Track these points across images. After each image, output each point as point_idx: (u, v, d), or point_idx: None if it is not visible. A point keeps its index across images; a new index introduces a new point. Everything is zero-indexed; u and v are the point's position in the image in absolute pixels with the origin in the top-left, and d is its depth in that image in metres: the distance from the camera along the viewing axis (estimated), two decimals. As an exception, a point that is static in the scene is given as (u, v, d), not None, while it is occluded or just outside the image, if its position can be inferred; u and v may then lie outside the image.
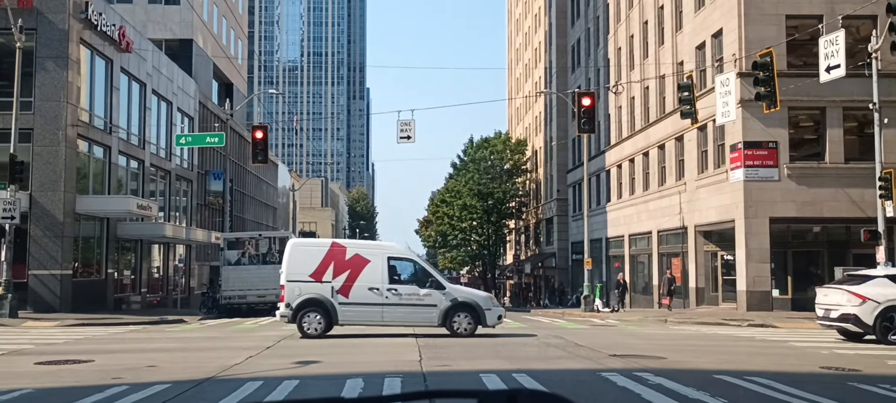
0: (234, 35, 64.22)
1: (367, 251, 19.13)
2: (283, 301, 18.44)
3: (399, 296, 18.38)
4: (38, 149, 29.52)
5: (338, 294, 18.29)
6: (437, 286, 18.75)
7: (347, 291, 18.30)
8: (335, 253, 18.59)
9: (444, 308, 18.40)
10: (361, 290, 18.29)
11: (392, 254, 19.13)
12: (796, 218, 30.38)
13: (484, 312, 18.51)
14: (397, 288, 18.45)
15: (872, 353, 15.52)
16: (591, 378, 11.06)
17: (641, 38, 42.80)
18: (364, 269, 18.39)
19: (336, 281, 18.31)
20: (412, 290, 18.54)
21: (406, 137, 31.10)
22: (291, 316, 18.31)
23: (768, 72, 20.46)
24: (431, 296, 18.47)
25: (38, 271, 29.26)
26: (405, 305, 18.39)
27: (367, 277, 18.35)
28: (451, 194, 70.45)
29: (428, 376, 11.37)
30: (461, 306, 18.51)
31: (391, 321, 18.63)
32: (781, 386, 10.08)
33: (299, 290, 18.31)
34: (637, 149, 42.77)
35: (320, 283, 18.32)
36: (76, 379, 11.02)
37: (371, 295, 18.29)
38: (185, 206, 46.04)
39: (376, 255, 18.75)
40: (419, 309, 18.46)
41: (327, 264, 18.42)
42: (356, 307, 18.33)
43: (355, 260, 18.51)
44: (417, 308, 18.44)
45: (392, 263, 18.78)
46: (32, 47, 29.06)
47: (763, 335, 20.69)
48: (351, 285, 18.30)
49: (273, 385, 10.32)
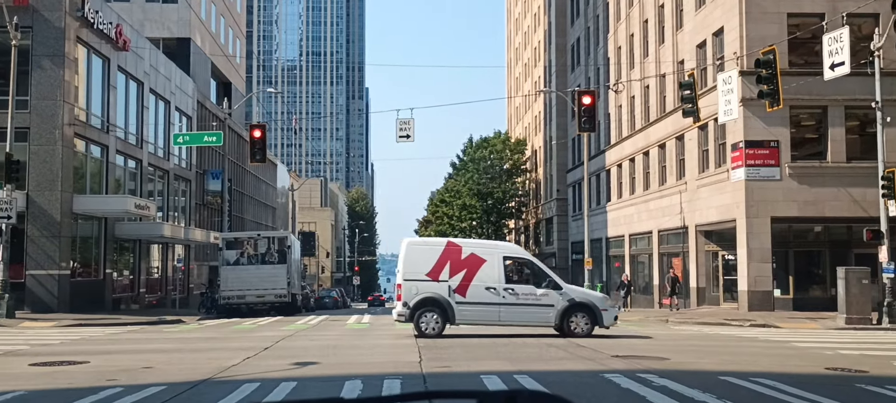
0: (233, 34, 64.03)
1: (483, 250, 18.97)
2: (399, 299, 18.30)
3: (516, 296, 18.23)
4: (34, 148, 29.32)
5: (455, 293, 18.17)
6: (554, 286, 18.61)
7: (464, 290, 18.18)
8: (451, 252, 18.46)
9: (562, 308, 18.25)
10: (478, 290, 18.18)
11: (508, 253, 19.11)
12: (798, 218, 30.22)
13: (601, 313, 18.40)
14: (514, 288, 18.30)
15: (877, 354, 15.35)
16: (594, 380, 10.88)
17: (642, 37, 42.63)
18: (480, 268, 18.28)
19: (453, 280, 18.19)
20: (529, 290, 18.37)
21: (405, 136, 30.91)
22: (409, 315, 18.17)
23: (771, 70, 20.29)
24: (548, 296, 18.34)
25: (36, 271, 29.08)
26: (522, 305, 18.25)
27: (484, 276, 18.24)
28: (450, 194, 70.33)
29: (428, 377, 11.19)
30: (579, 306, 18.38)
31: (508, 321, 18.51)
32: (788, 388, 9.90)
33: (416, 289, 18.19)
34: (637, 149, 42.61)
35: (437, 282, 18.20)
36: (70, 381, 10.84)
37: (488, 294, 18.18)
38: (184, 206, 45.85)
39: (492, 254, 18.63)
40: (536, 310, 18.32)
41: (443, 263, 18.30)
42: (473, 306, 18.23)
43: (471, 259, 18.39)
44: (534, 308, 18.29)
45: (508, 262, 18.67)
46: (28, 45, 28.84)
47: (765, 335, 20.51)
48: (468, 284, 18.19)
49: (270, 387, 10.13)
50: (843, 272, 24.30)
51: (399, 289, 18.35)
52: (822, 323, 24.54)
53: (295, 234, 61.80)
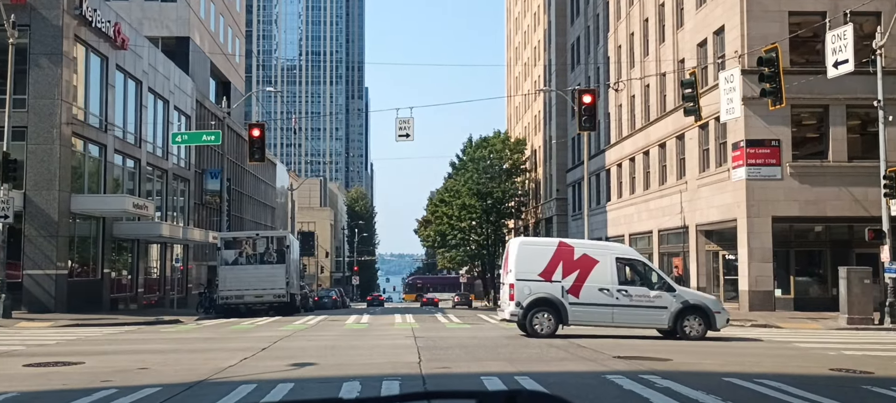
0: (232, 33, 63.86)
1: (595, 251, 18.87)
2: (512, 299, 18.18)
3: (629, 297, 18.15)
4: (32, 147, 29.17)
5: (568, 293, 18.09)
6: (667, 287, 18.50)
7: (577, 291, 18.11)
8: (563, 253, 18.38)
9: (675, 310, 18.12)
10: (591, 290, 18.10)
11: (620, 255, 19.03)
12: (799, 218, 30.07)
13: (714, 315, 18.26)
14: (627, 289, 18.22)
15: (881, 354, 15.21)
16: (595, 381, 10.72)
17: (642, 36, 42.49)
18: (593, 269, 18.21)
19: (566, 280, 18.12)
20: (642, 292, 18.27)
21: (405, 135, 30.75)
22: (522, 315, 18.09)
23: (774, 68, 20.13)
24: (661, 298, 18.22)
25: (33, 271, 28.92)
26: (635, 306, 18.16)
27: (597, 277, 18.16)
28: (450, 194, 70.14)
29: (427, 378, 11.04)
30: (692, 309, 18.24)
31: (621, 322, 18.42)
32: (794, 390, 9.74)
33: (529, 289, 18.12)
34: (637, 148, 42.47)
35: (550, 283, 18.14)
36: (64, 382, 10.68)
37: (601, 295, 18.10)
38: (183, 206, 45.68)
39: (605, 255, 18.56)
40: (649, 311, 18.20)
41: (556, 263, 18.22)
42: (586, 307, 18.15)
43: (584, 260, 18.31)
44: (647, 309, 18.19)
45: (620, 264, 18.57)
46: (26, 44, 28.68)
47: (768, 335, 20.37)
48: (581, 285, 18.12)
49: (267, 388, 9.98)
50: (845, 272, 24.17)
51: (511, 289, 18.22)
52: (824, 323, 24.40)
53: (294, 234, 61.64)
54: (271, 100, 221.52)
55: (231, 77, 61.86)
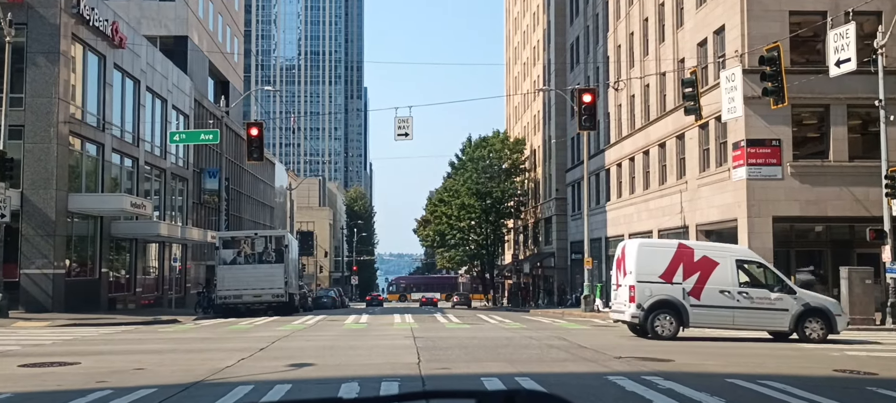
0: (231, 33, 63.70)
1: (715, 253, 18.73)
2: (632, 301, 18.11)
3: (750, 300, 18.02)
4: (29, 146, 29.03)
5: (689, 296, 18.00)
6: (788, 290, 18.37)
7: (698, 293, 18.02)
8: (683, 255, 18.32)
9: (796, 312, 18.01)
10: (712, 293, 18.00)
11: (740, 256, 18.89)
12: (800, 218, 29.94)
13: (835, 318, 18.14)
14: (748, 291, 18.09)
15: (885, 356, 15.10)
16: (597, 383, 10.60)
17: (642, 35, 42.36)
18: (714, 271, 18.11)
19: (687, 282, 18.05)
20: (763, 294, 18.15)
21: (404, 135, 30.62)
22: (643, 317, 18.02)
23: (775, 67, 20.00)
24: (782, 301, 18.10)
25: (30, 270, 28.79)
26: (756, 309, 18.02)
27: (718, 279, 18.06)
28: (449, 193, 70.01)
29: (427, 379, 10.92)
30: (813, 311, 18.11)
31: (742, 325, 18.30)
32: (798, 392, 9.62)
33: (650, 291, 18.06)
34: (637, 148, 42.34)
35: (671, 285, 18.08)
36: (59, 383, 10.54)
37: (722, 297, 17.99)
38: (181, 205, 45.54)
39: (725, 257, 18.44)
40: (770, 314, 18.09)
41: (676, 265, 18.16)
42: (707, 309, 18.04)
43: (704, 261, 18.21)
44: (768, 312, 18.07)
45: (740, 265, 18.46)
46: (23, 43, 28.57)
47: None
48: (701, 287, 18.03)
49: (265, 390, 9.85)
50: (846, 272, 24.07)
51: (631, 291, 18.14)
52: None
53: (293, 234, 61.51)
54: (270, 100, 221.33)
55: (229, 76, 61.70)
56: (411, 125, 31.05)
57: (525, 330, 22.17)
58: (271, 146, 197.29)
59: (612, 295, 20.00)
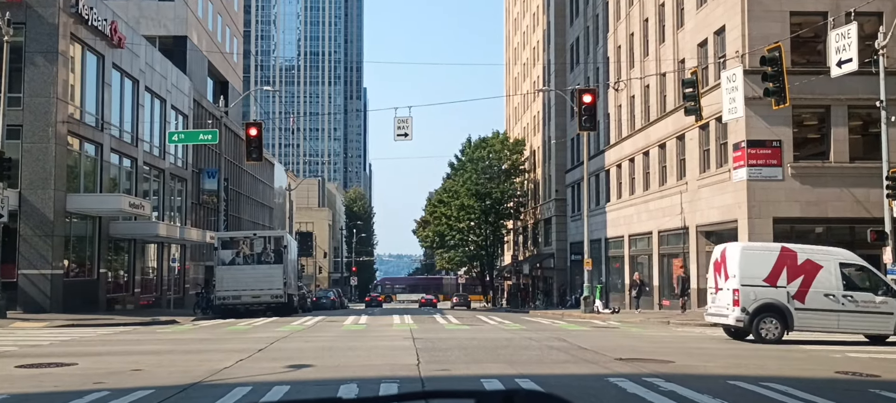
0: (230, 33, 63.62)
1: (819, 256, 18.54)
2: (737, 305, 17.97)
3: (855, 303, 17.87)
4: (27, 146, 28.94)
5: (793, 299, 17.87)
6: (892, 293, 18.20)
7: (803, 297, 17.88)
8: (786, 258, 18.15)
9: None
10: (817, 296, 17.85)
11: (843, 259, 18.65)
12: (800, 219, 29.86)
13: None
14: (853, 295, 17.92)
15: (886, 357, 15.02)
16: (598, 384, 10.52)
17: (642, 36, 42.29)
18: (817, 274, 17.97)
19: (791, 286, 17.91)
20: (867, 297, 17.98)
21: (403, 135, 30.55)
22: (747, 321, 17.90)
23: (777, 67, 19.93)
24: (887, 304, 17.94)
25: (28, 271, 28.70)
26: (861, 312, 17.89)
27: (822, 283, 17.92)
28: (448, 194, 69.92)
29: (426, 381, 10.85)
30: None
31: (846, 328, 18.19)
32: (801, 394, 9.54)
33: (754, 295, 17.92)
34: (637, 149, 42.26)
35: (775, 288, 17.93)
36: (55, 384, 10.46)
37: (826, 301, 17.84)
38: (180, 205, 45.44)
39: (828, 260, 18.26)
40: (875, 317, 17.95)
41: (780, 268, 18.01)
42: (812, 313, 17.91)
43: (807, 265, 18.07)
44: (873, 315, 17.94)
45: (844, 269, 18.29)
46: (21, 42, 28.49)
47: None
48: (806, 290, 17.88)
49: (263, 391, 9.77)
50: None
51: (735, 294, 18.00)
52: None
53: (292, 234, 61.40)
54: (269, 101, 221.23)
55: (229, 76, 61.62)
56: (411, 125, 30.97)
57: (524, 331, 22.09)
58: (270, 146, 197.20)
59: (709, 298, 19.75)
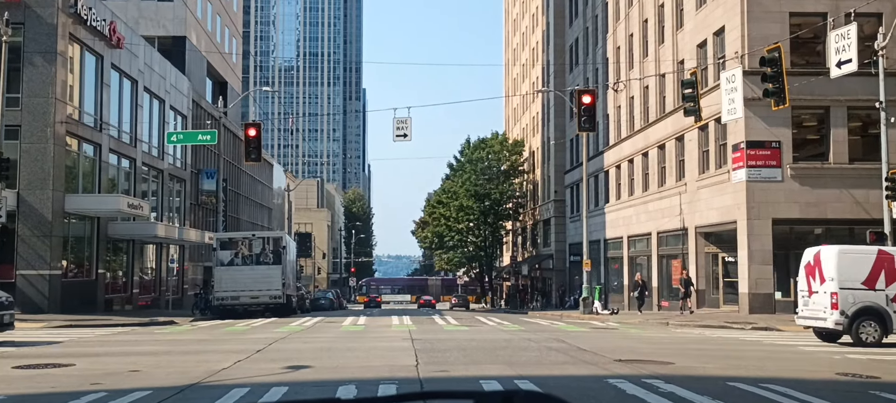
0: (229, 33, 63.56)
1: None
2: (835, 308, 17.82)
3: None
4: (25, 146, 28.88)
5: (892, 302, 17.75)
6: None
7: None
8: (884, 261, 18.02)
9: None
10: None
11: None
12: (799, 220, 29.85)
13: None
14: None
15: (886, 359, 14.98)
16: (598, 385, 10.49)
17: (641, 37, 42.27)
18: None
19: (890, 289, 17.78)
20: None
21: (402, 135, 30.52)
22: (847, 324, 17.74)
23: (776, 68, 19.90)
24: None
25: (26, 271, 28.62)
26: None
27: None
28: (447, 195, 69.85)
29: (425, 381, 10.82)
30: None
31: None
32: (801, 395, 9.50)
33: (853, 298, 17.76)
34: (636, 150, 42.24)
35: (873, 291, 17.79)
36: (53, 385, 10.41)
37: None
38: (178, 206, 45.36)
39: None
40: None
41: (878, 271, 17.89)
42: None
43: None
44: None
45: None
46: (20, 42, 28.41)
47: (769, 338, 20.18)
48: None
49: (261, 392, 9.73)
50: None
51: (834, 297, 17.84)
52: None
53: (291, 235, 61.35)
54: (268, 101, 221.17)
55: (228, 77, 61.56)
56: (410, 126, 30.95)
57: (523, 332, 22.04)
58: (269, 147, 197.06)
59: (801, 300, 19.50)
